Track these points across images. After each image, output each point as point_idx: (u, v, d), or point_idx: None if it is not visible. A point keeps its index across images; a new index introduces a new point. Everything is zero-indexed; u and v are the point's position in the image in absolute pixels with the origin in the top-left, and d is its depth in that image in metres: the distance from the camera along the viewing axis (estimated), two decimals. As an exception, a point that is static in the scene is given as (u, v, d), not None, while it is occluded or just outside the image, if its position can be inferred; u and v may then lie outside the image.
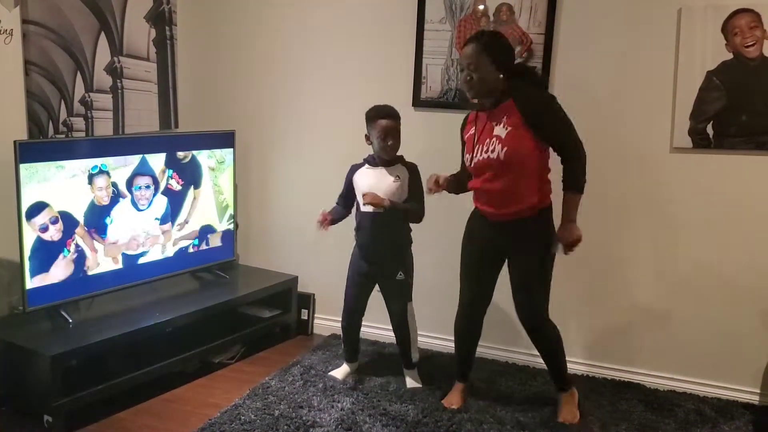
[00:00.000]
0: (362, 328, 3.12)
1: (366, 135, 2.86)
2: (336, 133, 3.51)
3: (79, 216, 2.83)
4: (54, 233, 2.75)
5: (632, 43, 2.96)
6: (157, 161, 3.15)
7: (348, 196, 2.98)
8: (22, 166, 2.58)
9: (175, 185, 3.26)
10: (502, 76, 2.51)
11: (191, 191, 3.35)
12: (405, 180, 2.85)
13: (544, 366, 3.22)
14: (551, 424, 2.69)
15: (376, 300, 3.11)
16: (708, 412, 2.87)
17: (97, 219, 2.91)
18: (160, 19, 3.51)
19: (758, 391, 2.98)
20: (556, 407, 2.75)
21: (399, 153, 2.87)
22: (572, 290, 3.13)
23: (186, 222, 3.34)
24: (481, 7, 3.15)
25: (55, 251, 2.77)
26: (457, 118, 3.21)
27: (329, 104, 3.52)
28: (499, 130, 2.51)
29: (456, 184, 2.75)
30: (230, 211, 3.58)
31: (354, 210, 2.99)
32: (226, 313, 3.31)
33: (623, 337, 3.13)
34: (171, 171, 3.23)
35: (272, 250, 3.75)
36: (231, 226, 3.58)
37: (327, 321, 3.65)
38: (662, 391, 3.06)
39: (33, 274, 2.69)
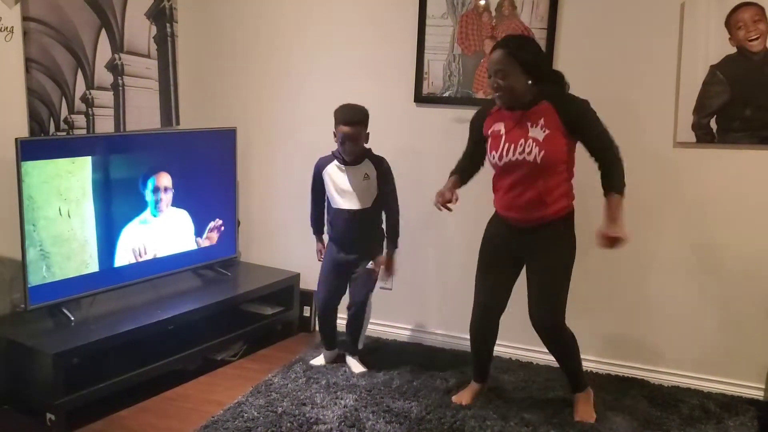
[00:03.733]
0: (368, 326, 3.14)
1: (334, 132, 2.90)
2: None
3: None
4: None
5: (635, 38, 2.94)
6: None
7: (321, 193, 3.03)
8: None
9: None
10: (530, 82, 2.44)
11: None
12: (374, 178, 2.91)
13: (547, 362, 3.22)
14: (554, 420, 2.68)
15: (381, 298, 3.11)
16: (712, 408, 2.86)
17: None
18: (161, 15, 3.50)
19: (763, 386, 2.97)
20: (573, 407, 2.73)
21: (368, 146, 2.93)
22: (575, 287, 3.11)
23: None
24: (483, 2, 3.14)
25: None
26: (458, 114, 3.21)
27: (331, 100, 3.48)
28: (536, 132, 2.44)
29: (463, 180, 2.74)
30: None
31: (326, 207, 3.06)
32: (228, 310, 3.31)
33: (628, 333, 3.12)
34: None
35: (274, 247, 3.75)
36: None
37: (329, 318, 3.64)
38: (666, 386, 3.05)
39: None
